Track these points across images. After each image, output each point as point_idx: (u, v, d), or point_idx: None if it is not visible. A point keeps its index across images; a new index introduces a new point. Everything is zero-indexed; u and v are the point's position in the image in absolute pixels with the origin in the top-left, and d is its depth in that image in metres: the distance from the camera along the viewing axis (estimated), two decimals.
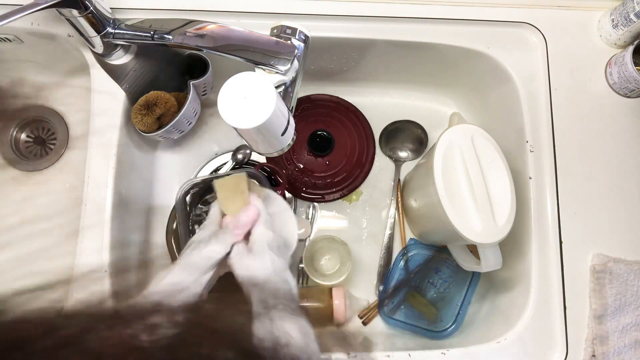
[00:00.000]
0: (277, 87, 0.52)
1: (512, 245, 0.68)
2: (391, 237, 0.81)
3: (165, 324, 0.29)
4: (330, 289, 0.76)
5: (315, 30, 0.61)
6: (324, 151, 0.83)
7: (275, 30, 0.55)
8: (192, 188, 0.71)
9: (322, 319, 0.75)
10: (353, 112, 0.85)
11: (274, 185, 0.79)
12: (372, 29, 0.71)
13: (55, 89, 0.85)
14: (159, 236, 0.79)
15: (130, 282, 0.70)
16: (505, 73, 0.71)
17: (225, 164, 0.82)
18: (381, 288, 0.79)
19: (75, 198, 0.82)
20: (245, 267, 0.49)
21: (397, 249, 0.81)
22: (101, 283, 0.63)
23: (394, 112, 0.86)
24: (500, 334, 0.63)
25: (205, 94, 0.75)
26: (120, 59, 0.67)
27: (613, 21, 0.69)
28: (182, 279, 0.48)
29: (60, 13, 0.58)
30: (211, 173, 0.82)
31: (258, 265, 0.49)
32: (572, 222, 0.66)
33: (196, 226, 0.70)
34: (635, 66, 0.66)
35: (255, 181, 0.58)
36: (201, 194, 0.71)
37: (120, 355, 0.26)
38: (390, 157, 0.85)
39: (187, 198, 0.71)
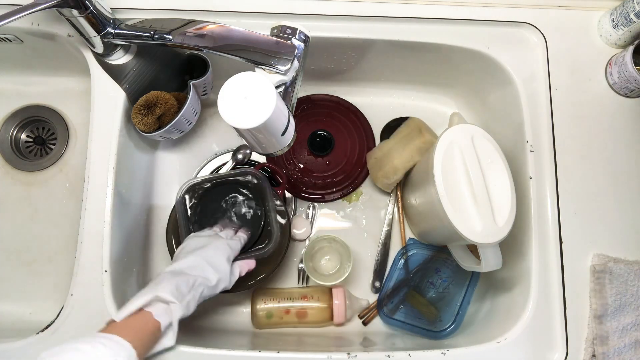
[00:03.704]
0: (277, 87, 0.52)
1: (512, 245, 0.68)
2: (388, 234, 0.81)
3: None
4: (330, 289, 0.76)
5: (315, 30, 0.61)
6: (324, 151, 0.83)
7: (275, 30, 0.55)
8: (191, 188, 0.71)
9: (322, 319, 0.75)
10: (353, 112, 0.85)
11: (274, 185, 0.79)
12: (372, 29, 0.71)
13: (55, 89, 0.85)
14: (159, 236, 0.79)
15: (130, 282, 0.70)
16: (505, 73, 0.71)
17: (225, 164, 0.82)
18: (377, 284, 0.79)
19: (75, 198, 0.82)
20: None
21: (395, 246, 0.81)
22: (101, 283, 0.63)
23: (394, 112, 0.86)
24: (500, 334, 0.63)
25: (205, 94, 0.75)
26: (120, 59, 0.67)
27: (613, 21, 0.69)
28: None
29: (60, 13, 0.58)
30: (211, 173, 0.82)
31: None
32: (572, 222, 0.66)
33: (196, 226, 0.70)
34: (636, 66, 0.66)
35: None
36: (201, 195, 0.71)
37: None
38: None
39: (187, 198, 0.71)
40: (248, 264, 0.66)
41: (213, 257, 0.60)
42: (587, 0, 0.73)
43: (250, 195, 0.71)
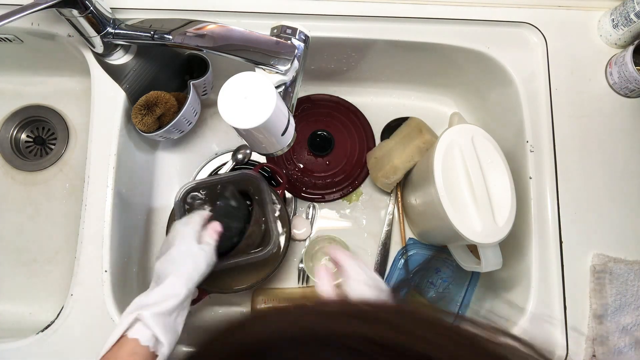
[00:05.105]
0: (277, 87, 0.52)
1: (512, 245, 0.68)
2: (388, 234, 0.81)
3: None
4: None
5: (315, 30, 0.61)
6: (324, 151, 0.83)
7: (275, 30, 0.55)
8: (190, 191, 0.71)
9: None
10: (353, 112, 0.85)
11: (274, 185, 0.79)
12: (372, 29, 0.71)
13: (55, 89, 0.85)
14: (159, 236, 0.80)
15: (130, 282, 0.70)
16: (505, 73, 0.71)
17: (225, 164, 0.82)
18: None
19: (75, 198, 0.82)
20: (360, 291, 0.55)
21: (395, 246, 0.81)
22: (101, 283, 0.63)
23: (394, 112, 0.86)
24: None
25: (206, 94, 0.75)
26: (120, 59, 0.67)
27: (613, 21, 0.69)
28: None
29: (60, 13, 0.58)
30: (211, 174, 0.82)
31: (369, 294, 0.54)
32: (572, 222, 0.66)
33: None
34: (636, 66, 0.66)
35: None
36: (200, 198, 0.71)
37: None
38: None
39: (185, 201, 0.71)
40: (214, 228, 0.60)
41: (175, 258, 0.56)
42: (587, 0, 0.73)
43: (249, 197, 0.71)
